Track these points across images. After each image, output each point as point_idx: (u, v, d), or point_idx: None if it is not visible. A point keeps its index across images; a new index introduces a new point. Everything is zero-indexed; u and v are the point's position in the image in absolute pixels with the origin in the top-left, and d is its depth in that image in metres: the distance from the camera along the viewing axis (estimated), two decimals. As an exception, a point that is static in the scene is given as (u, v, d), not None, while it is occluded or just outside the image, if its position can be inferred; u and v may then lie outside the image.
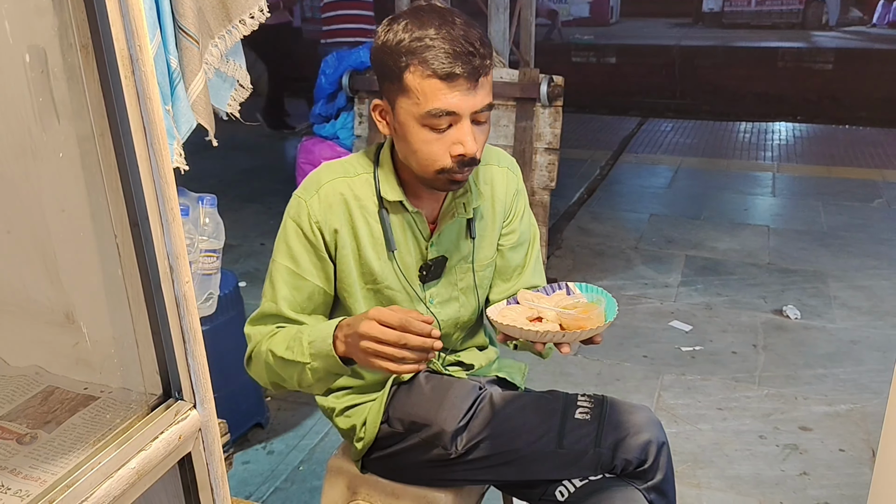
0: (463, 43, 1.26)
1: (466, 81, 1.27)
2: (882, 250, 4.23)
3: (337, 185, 1.41)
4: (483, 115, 1.32)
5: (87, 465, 0.69)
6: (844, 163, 6.10)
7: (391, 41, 1.29)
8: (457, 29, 1.27)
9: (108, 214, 0.71)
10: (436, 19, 1.28)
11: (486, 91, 1.31)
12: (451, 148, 1.31)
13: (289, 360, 1.32)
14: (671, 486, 1.47)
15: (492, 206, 1.52)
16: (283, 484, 2.37)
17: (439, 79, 1.26)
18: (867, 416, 2.68)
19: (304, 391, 1.39)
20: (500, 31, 3.52)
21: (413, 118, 1.30)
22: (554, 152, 3.48)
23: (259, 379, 1.44)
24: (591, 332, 1.22)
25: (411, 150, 1.34)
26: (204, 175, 5.29)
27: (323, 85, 3.89)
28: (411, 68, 1.27)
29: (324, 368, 1.30)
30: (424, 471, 1.51)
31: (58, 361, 0.83)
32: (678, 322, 3.42)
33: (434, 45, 1.25)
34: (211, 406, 0.81)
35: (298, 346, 1.31)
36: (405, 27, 1.28)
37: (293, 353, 1.32)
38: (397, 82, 1.30)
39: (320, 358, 1.29)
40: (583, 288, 1.37)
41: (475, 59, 1.26)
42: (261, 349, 1.38)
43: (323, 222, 1.39)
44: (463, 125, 1.30)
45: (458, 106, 1.28)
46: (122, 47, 0.66)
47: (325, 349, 1.28)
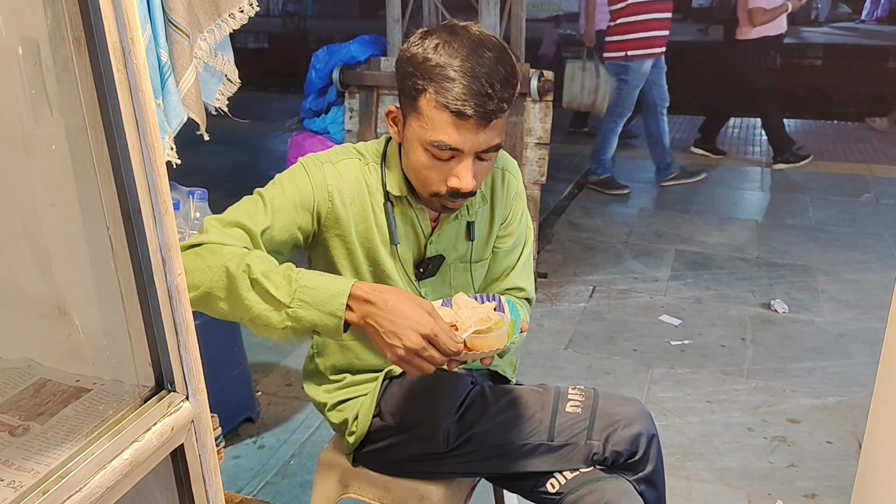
0: (483, 83, 1.23)
1: (476, 123, 1.25)
2: (870, 244, 4.26)
3: (353, 165, 1.42)
4: (489, 154, 1.31)
5: (81, 457, 0.69)
6: (832, 158, 6.13)
7: (418, 57, 1.27)
8: (483, 65, 1.24)
9: (101, 207, 0.72)
10: (466, 49, 1.25)
11: (496, 132, 1.29)
12: (448, 178, 1.31)
13: (263, 288, 1.17)
14: (661, 477, 1.48)
15: (491, 208, 1.53)
16: (274, 478, 2.37)
17: (450, 114, 1.24)
18: (854, 409, 2.71)
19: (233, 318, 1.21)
20: (491, 27, 3.52)
21: (418, 140, 1.30)
22: (544, 147, 3.49)
23: (187, 274, 1.14)
24: (484, 355, 1.21)
25: (412, 167, 1.35)
26: (194, 170, 5.28)
27: (313, 80, 3.89)
28: (426, 94, 1.26)
29: (309, 321, 1.17)
30: (416, 464, 1.51)
31: (50, 354, 0.83)
32: (668, 316, 3.44)
33: (454, 77, 1.23)
34: (203, 398, 0.81)
35: (283, 280, 1.17)
36: (435, 48, 1.26)
37: (273, 286, 1.17)
38: (412, 101, 1.29)
39: (314, 309, 1.17)
40: (511, 307, 1.34)
41: (490, 103, 1.24)
42: (225, 251, 1.21)
43: (336, 192, 1.38)
44: (465, 161, 1.29)
45: (463, 144, 1.27)
46: (114, 40, 0.66)
47: (332, 307, 1.17)
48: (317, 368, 1.58)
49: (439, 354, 1.16)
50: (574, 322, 3.39)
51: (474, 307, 1.29)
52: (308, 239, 1.41)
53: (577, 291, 3.71)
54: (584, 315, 3.46)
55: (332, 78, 3.78)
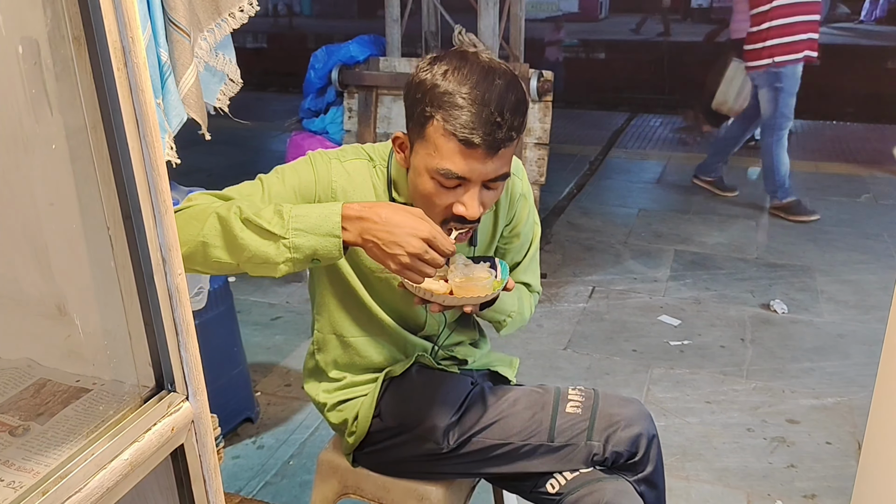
0: (493, 111, 1.22)
1: (484, 152, 1.24)
2: (869, 245, 4.26)
3: (363, 166, 1.42)
4: (496, 183, 1.31)
5: (81, 457, 0.69)
6: (831, 158, 6.14)
7: (427, 83, 1.26)
8: (492, 92, 1.23)
9: (101, 206, 0.71)
10: (475, 76, 1.24)
11: (504, 161, 1.28)
12: (454, 206, 1.30)
13: (256, 225, 1.16)
14: (661, 478, 1.48)
15: (493, 212, 1.52)
16: (274, 478, 2.37)
17: (458, 142, 1.23)
18: (854, 410, 2.71)
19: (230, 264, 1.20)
20: (490, 27, 3.52)
21: (425, 167, 1.29)
22: (544, 147, 3.49)
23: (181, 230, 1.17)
24: (465, 301, 1.27)
25: (418, 194, 1.34)
26: (194, 170, 5.27)
27: (312, 79, 3.88)
28: (434, 121, 1.25)
29: (309, 247, 1.16)
30: (416, 465, 1.51)
31: (50, 354, 0.83)
32: (667, 316, 3.44)
33: (463, 105, 1.22)
34: (203, 398, 0.81)
35: (276, 217, 1.17)
36: (444, 74, 1.25)
37: (266, 221, 1.16)
38: (419, 128, 1.28)
39: (311, 234, 1.16)
40: (503, 267, 1.40)
41: (499, 132, 1.23)
42: (214, 205, 1.22)
43: (340, 189, 1.38)
44: (472, 190, 1.28)
45: (471, 172, 1.26)
46: (114, 39, 0.66)
47: (328, 228, 1.16)
48: (317, 366, 1.58)
49: (439, 256, 1.19)
50: (573, 322, 3.39)
51: (468, 264, 1.36)
52: None
53: (576, 292, 3.70)
54: (584, 315, 3.46)
55: (331, 78, 3.77)
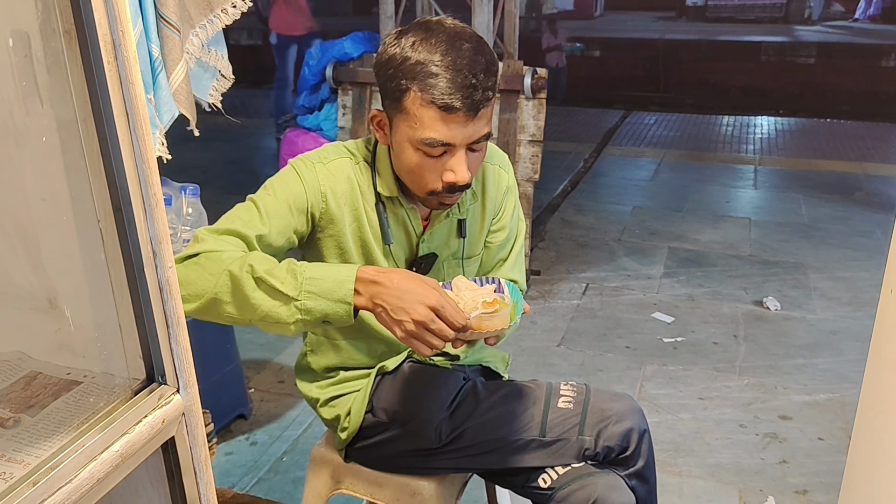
0: (466, 74, 1.23)
1: (465, 115, 1.25)
2: (862, 242, 4.28)
3: (345, 164, 1.41)
4: (479, 144, 1.31)
5: (71, 448, 0.69)
6: (825, 156, 6.16)
7: (397, 57, 1.27)
8: (463, 57, 1.24)
9: (91, 199, 0.72)
10: (443, 43, 1.25)
11: (484, 121, 1.29)
12: (443, 174, 1.30)
13: (269, 286, 1.17)
14: (652, 472, 1.49)
15: (482, 204, 1.52)
16: (267, 475, 2.37)
17: (437, 109, 1.24)
18: (846, 406, 2.72)
19: (242, 321, 1.20)
20: (484, 24, 3.52)
21: (408, 141, 1.29)
22: (538, 144, 3.49)
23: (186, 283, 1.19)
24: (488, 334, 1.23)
25: (405, 169, 1.34)
26: (187, 166, 5.27)
27: (306, 76, 3.88)
28: (411, 93, 1.25)
29: (320, 311, 1.18)
30: (408, 460, 1.51)
31: (40, 346, 0.83)
32: (660, 313, 3.45)
33: (437, 72, 1.23)
34: (194, 391, 0.81)
35: (288, 275, 1.18)
36: (413, 45, 1.26)
37: (279, 282, 1.17)
38: (397, 103, 1.28)
39: (323, 299, 1.17)
40: (511, 289, 1.36)
41: (476, 93, 1.24)
42: (224, 257, 1.21)
43: (329, 192, 1.37)
44: (457, 154, 1.29)
45: (454, 137, 1.26)
46: (104, 33, 0.66)
47: (340, 294, 1.17)
48: (309, 366, 1.58)
49: (447, 327, 1.17)
50: (567, 319, 3.40)
51: (474, 289, 1.31)
52: (303, 239, 1.41)
53: (570, 289, 3.71)
54: (577, 312, 3.47)
55: (326, 75, 3.78)
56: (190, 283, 1.20)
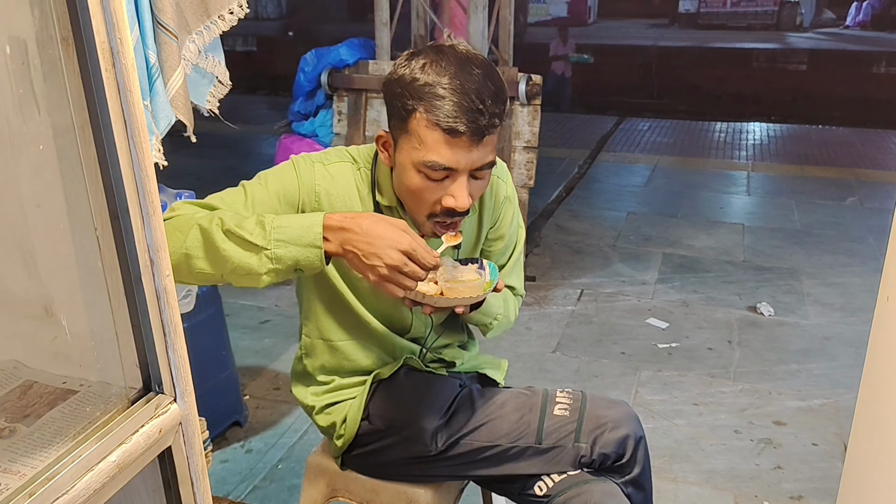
0: (474, 99, 1.22)
1: (469, 139, 1.24)
2: (854, 248, 4.29)
3: (346, 169, 1.40)
4: (482, 171, 1.30)
5: (68, 459, 0.68)
6: (818, 162, 6.19)
7: (405, 78, 1.26)
8: (472, 81, 1.23)
9: (88, 207, 0.71)
10: (453, 66, 1.24)
11: (489, 149, 1.28)
12: (443, 198, 1.29)
13: (238, 237, 1.17)
14: (648, 479, 1.48)
15: (478, 214, 1.52)
16: (262, 482, 2.36)
17: (442, 132, 1.23)
18: (840, 411, 2.73)
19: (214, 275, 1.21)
20: (479, 30, 3.53)
21: (411, 162, 1.28)
22: (532, 150, 3.50)
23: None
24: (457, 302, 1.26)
25: (405, 190, 1.33)
26: (182, 172, 5.26)
27: (302, 82, 3.88)
28: (416, 114, 1.24)
29: (291, 258, 1.17)
30: (404, 467, 1.51)
31: (36, 355, 0.82)
32: (655, 319, 3.45)
33: (444, 95, 1.22)
34: (191, 400, 0.81)
35: (257, 228, 1.17)
36: (422, 67, 1.25)
37: (248, 232, 1.17)
38: (402, 123, 1.28)
39: (293, 245, 1.17)
40: (492, 268, 1.39)
41: (482, 119, 1.23)
42: (196, 216, 1.21)
43: (324, 192, 1.37)
44: (459, 180, 1.28)
45: (457, 162, 1.26)
46: (102, 40, 0.66)
47: (309, 239, 1.17)
48: (305, 369, 1.57)
49: (419, 269, 1.18)
50: (562, 325, 3.40)
51: (456, 266, 1.36)
52: None
53: (564, 294, 3.71)
54: (572, 318, 3.47)
55: (321, 81, 3.77)
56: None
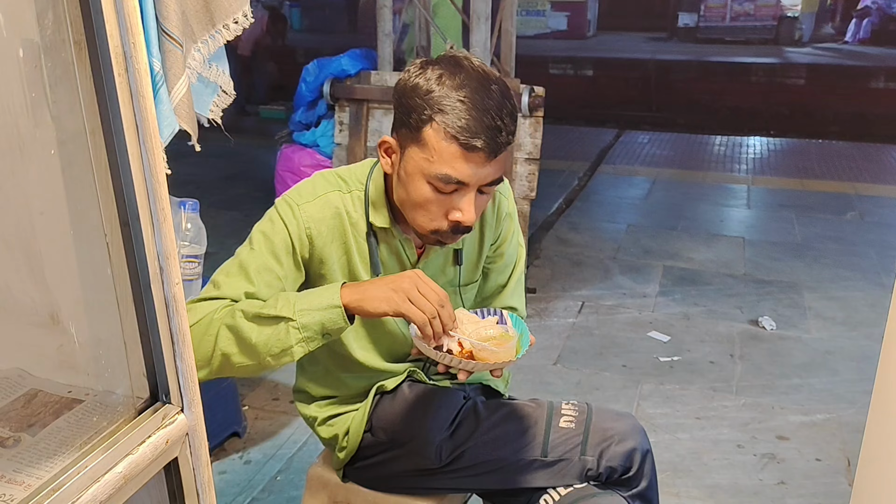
0: (493, 116, 1.21)
1: (485, 155, 1.23)
2: (855, 262, 4.29)
3: (332, 198, 1.38)
4: (490, 187, 1.29)
5: (74, 469, 0.67)
6: (817, 176, 6.19)
7: (421, 88, 1.24)
8: (492, 98, 1.22)
9: (99, 213, 0.70)
10: (474, 81, 1.23)
11: (500, 165, 1.27)
12: (449, 212, 1.28)
13: (266, 317, 1.19)
14: (655, 493, 1.47)
15: (479, 230, 1.50)
16: (261, 494, 2.34)
17: (459, 146, 1.22)
18: (843, 426, 2.71)
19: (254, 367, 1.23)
20: (482, 42, 3.53)
21: (420, 173, 1.26)
22: (534, 162, 3.49)
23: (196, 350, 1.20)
24: (493, 366, 1.22)
25: (410, 201, 1.31)
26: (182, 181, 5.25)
27: (303, 92, 3.88)
28: (433, 124, 1.22)
29: (317, 323, 1.20)
30: (407, 480, 1.49)
31: (41, 363, 0.81)
32: (656, 332, 3.44)
33: (463, 109, 1.21)
34: (199, 410, 0.79)
35: (281, 302, 1.21)
36: (439, 78, 1.24)
37: (274, 309, 1.20)
38: (414, 132, 1.25)
39: (316, 311, 1.19)
40: (514, 320, 1.35)
41: (500, 136, 1.22)
42: (215, 316, 1.23)
43: (316, 232, 1.35)
44: (468, 195, 1.27)
45: (470, 177, 1.24)
46: (115, 44, 0.65)
47: (328, 300, 1.20)
48: (306, 387, 1.56)
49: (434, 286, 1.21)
50: (563, 337, 3.39)
51: (476, 321, 1.29)
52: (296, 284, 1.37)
53: (565, 307, 3.70)
54: (573, 330, 3.46)
55: (323, 91, 3.77)
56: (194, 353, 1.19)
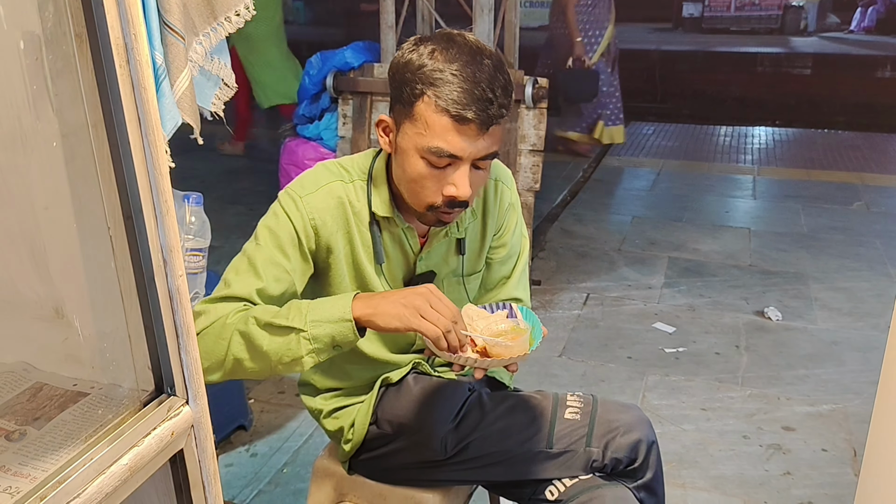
0: (484, 88, 1.22)
1: (476, 128, 1.23)
2: (861, 252, 4.27)
3: (335, 188, 1.38)
4: (485, 162, 1.29)
5: (79, 462, 0.67)
6: (823, 166, 6.16)
7: (413, 63, 1.25)
8: (483, 71, 1.23)
9: (102, 206, 0.70)
10: (465, 55, 1.23)
11: (494, 139, 1.27)
12: (444, 187, 1.28)
13: (277, 326, 1.20)
14: (661, 484, 1.47)
15: (482, 220, 1.51)
16: (267, 486, 2.35)
17: (450, 118, 1.22)
18: (849, 417, 2.71)
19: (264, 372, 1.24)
20: (485, 34, 3.51)
21: (414, 147, 1.27)
22: (538, 154, 3.48)
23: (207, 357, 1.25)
24: (508, 362, 1.22)
25: (406, 178, 1.31)
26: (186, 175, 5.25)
27: (307, 86, 3.87)
28: (425, 98, 1.23)
29: (327, 335, 1.20)
30: (413, 472, 1.50)
31: (46, 357, 0.81)
32: (662, 323, 3.44)
33: (454, 81, 1.21)
34: (204, 402, 0.80)
35: (293, 312, 1.21)
36: (431, 53, 1.24)
37: (286, 319, 1.21)
38: (408, 107, 1.26)
39: (327, 324, 1.19)
40: (524, 313, 1.34)
41: (491, 108, 1.22)
42: (228, 321, 1.24)
43: (320, 223, 1.35)
44: (462, 169, 1.27)
45: (463, 150, 1.25)
46: (117, 36, 0.65)
47: (339, 313, 1.20)
48: (311, 379, 1.56)
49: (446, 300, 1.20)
50: (568, 329, 3.38)
51: (486, 316, 1.30)
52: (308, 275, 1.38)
53: (570, 298, 3.70)
54: (578, 322, 3.46)
55: (326, 84, 3.76)
56: (207, 356, 1.24)
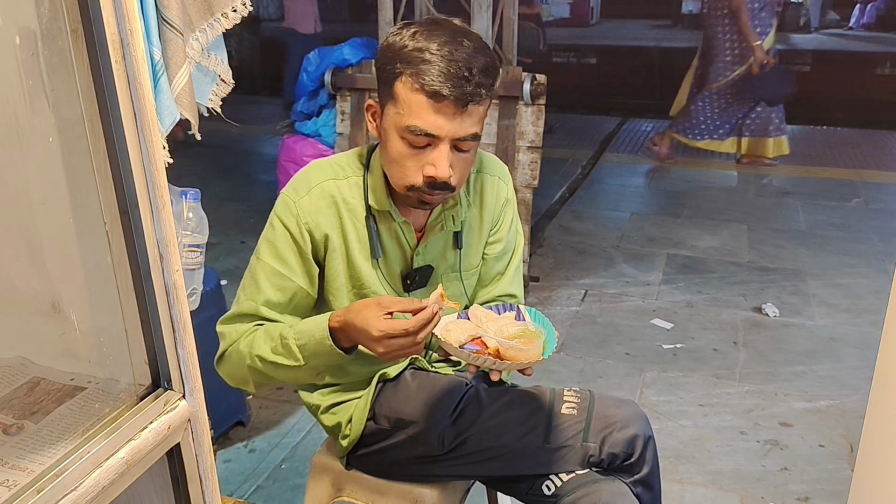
0: (461, 66, 1.22)
1: (453, 105, 1.23)
2: (860, 249, 4.27)
3: (327, 186, 1.39)
4: (466, 143, 1.29)
5: (76, 455, 0.68)
6: (822, 163, 6.16)
7: (395, 45, 1.27)
8: (461, 51, 1.24)
9: (98, 201, 0.70)
10: (444, 36, 1.25)
11: (474, 120, 1.27)
12: (424, 168, 1.29)
13: (281, 365, 1.30)
14: (657, 479, 1.48)
15: (479, 215, 1.51)
16: (265, 482, 2.36)
17: (425, 95, 1.23)
18: (846, 412, 2.71)
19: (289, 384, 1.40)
20: (483, 30, 3.51)
21: (394, 128, 1.29)
22: (536, 151, 3.49)
23: (231, 378, 1.42)
24: (524, 366, 1.24)
25: (388, 159, 1.33)
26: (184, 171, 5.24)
27: (305, 82, 3.87)
28: (402, 77, 1.25)
29: (324, 364, 1.32)
30: (410, 467, 1.50)
31: (43, 352, 0.82)
32: (660, 320, 3.44)
33: (431, 60, 1.23)
34: (200, 396, 0.80)
35: (286, 350, 1.30)
36: (413, 35, 1.26)
37: (284, 357, 1.30)
38: (388, 87, 1.28)
39: (319, 356, 1.29)
40: (532, 314, 1.35)
41: (467, 85, 1.23)
42: (240, 349, 1.35)
43: (313, 225, 1.37)
44: (440, 148, 1.27)
45: (440, 129, 1.25)
46: (112, 31, 0.65)
47: (325, 348, 1.26)
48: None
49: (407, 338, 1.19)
50: (566, 326, 3.39)
51: (495, 318, 1.31)
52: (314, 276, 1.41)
53: (568, 295, 3.70)
54: (576, 319, 3.46)
55: (324, 81, 3.76)
56: (233, 377, 1.42)
